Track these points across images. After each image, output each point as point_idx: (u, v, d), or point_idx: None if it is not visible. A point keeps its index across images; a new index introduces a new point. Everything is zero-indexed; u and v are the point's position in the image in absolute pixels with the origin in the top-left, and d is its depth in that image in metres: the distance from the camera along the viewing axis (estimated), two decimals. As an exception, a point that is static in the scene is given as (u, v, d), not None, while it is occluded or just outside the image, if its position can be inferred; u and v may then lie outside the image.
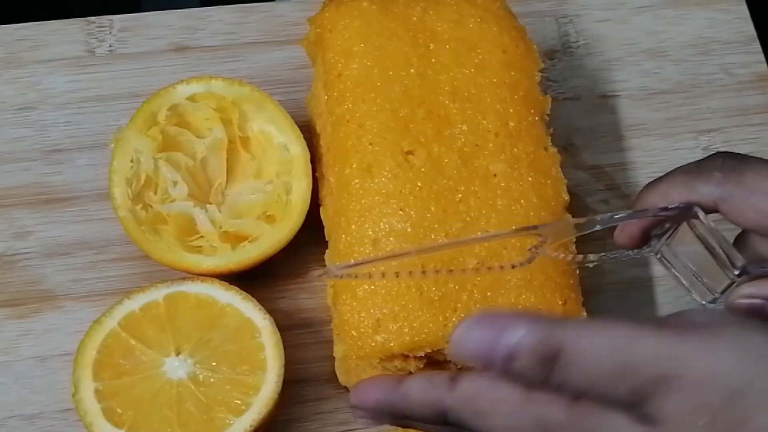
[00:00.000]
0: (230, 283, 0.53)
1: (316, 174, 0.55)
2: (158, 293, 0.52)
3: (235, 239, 0.54)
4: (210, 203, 0.55)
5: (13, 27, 0.64)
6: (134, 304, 0.52)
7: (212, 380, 0.50)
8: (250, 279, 0.55)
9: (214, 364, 0.50)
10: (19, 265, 0.57)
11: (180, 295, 0.52)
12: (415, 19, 0.54)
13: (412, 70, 0.52)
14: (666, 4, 0.68)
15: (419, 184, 0.50)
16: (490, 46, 0.53)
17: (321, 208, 0.55)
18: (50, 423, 0.54)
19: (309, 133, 0.57)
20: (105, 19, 0.64)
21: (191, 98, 0.56)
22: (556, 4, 0.68)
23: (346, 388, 0.54)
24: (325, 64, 0.54)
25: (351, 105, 0.52)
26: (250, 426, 0.49)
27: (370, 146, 0.51)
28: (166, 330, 0.51)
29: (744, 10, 0.68)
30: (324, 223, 0.54)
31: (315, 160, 0.56)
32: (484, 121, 0.51)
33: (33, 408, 0.54)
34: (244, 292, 0.52)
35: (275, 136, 0.56)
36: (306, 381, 0.55)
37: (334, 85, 0.53)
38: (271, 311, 0.52)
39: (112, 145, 0.54)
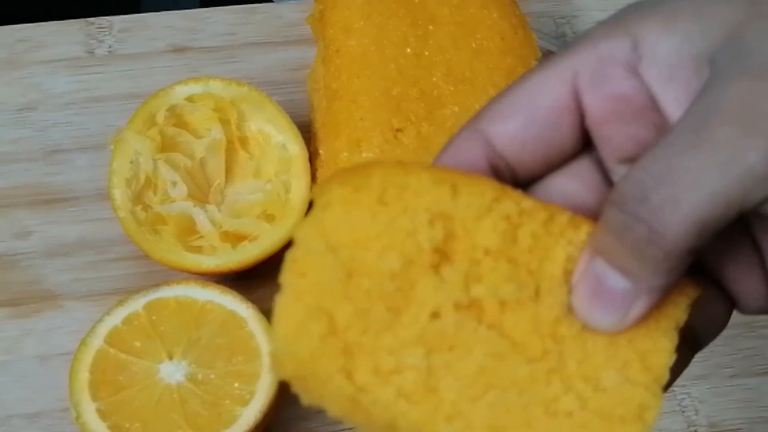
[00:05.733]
0: (230, 283, 0.53)
1: (310, 149, 0.56)
2: (136, 304, 0.51)
3: (235, 239, 0.54)
4: (209, 203, 0.55)
5: (13, 28, 0.64)
6: (115, 319, 0.51)
7: (211, 377, 0.50)
8: (250, 278, 0.55)
9: (208, 361, 0.50)
10: (20, 265, 0.57)
11: (159, 302, 0.52)
12: (416, 0, 0.54)
13: (409, 50, 0.53)
14: (663, 4, 0.68)
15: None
16: (489, 32, 0.54)
17: (312, 184, 0.55)
18: (51, 422, 0.54)
19: (308, 133, 0.57)
20: (104, 20, 0.65)
21: (189, 99, 0.56)
22: (553, 5, 0.68)
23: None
24: (325, 40, 0.55)
25: (346, 80, 0.52)
26: (260, 412, 0.49)
27: (360, 121, 0.51)
28: (153, 338, 0.51)
29: (741, 10, 0.68)
30: None
31: (312, 152, 0.56)
32: (476, 105, 0.52)
33: (34, 407, 0.54)
34: (222, 286, 0.52)
35: (273, 135, 0.56)
36: (305, 380, 0.55)
37: (332, 60, 0.54)
38: (270, 311, 0.52)
39: (112, 147, 0.55)
